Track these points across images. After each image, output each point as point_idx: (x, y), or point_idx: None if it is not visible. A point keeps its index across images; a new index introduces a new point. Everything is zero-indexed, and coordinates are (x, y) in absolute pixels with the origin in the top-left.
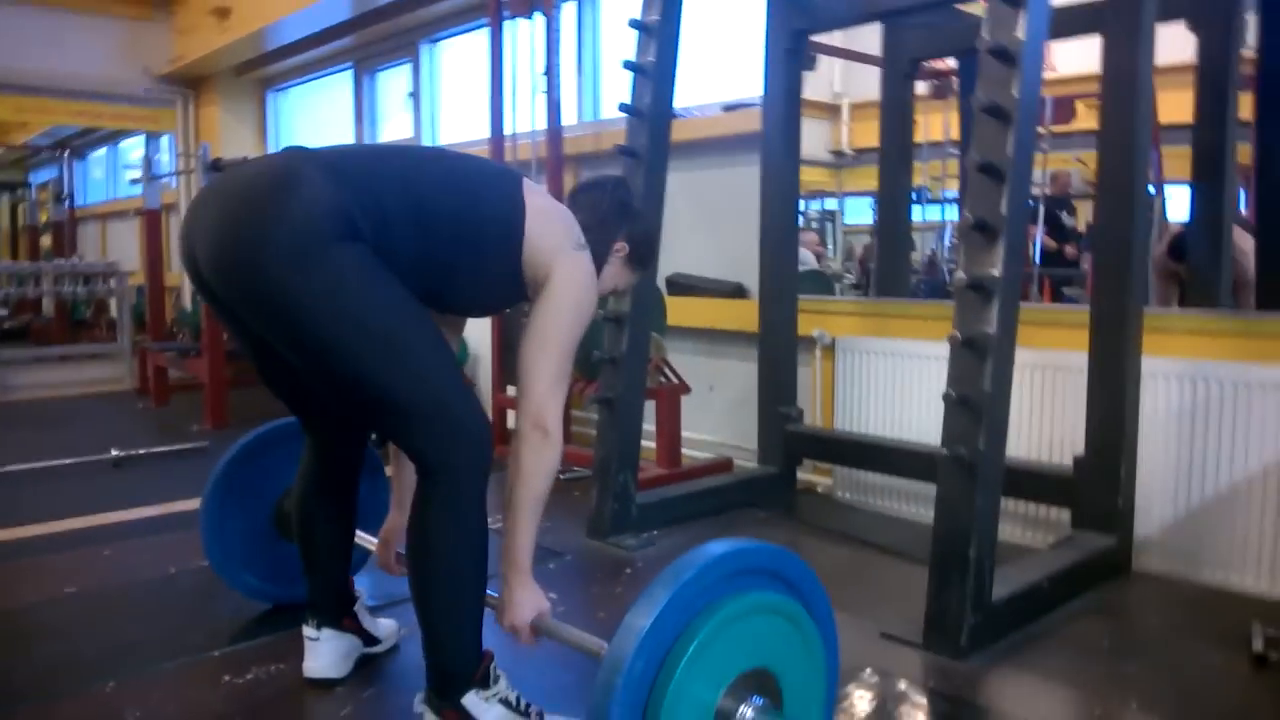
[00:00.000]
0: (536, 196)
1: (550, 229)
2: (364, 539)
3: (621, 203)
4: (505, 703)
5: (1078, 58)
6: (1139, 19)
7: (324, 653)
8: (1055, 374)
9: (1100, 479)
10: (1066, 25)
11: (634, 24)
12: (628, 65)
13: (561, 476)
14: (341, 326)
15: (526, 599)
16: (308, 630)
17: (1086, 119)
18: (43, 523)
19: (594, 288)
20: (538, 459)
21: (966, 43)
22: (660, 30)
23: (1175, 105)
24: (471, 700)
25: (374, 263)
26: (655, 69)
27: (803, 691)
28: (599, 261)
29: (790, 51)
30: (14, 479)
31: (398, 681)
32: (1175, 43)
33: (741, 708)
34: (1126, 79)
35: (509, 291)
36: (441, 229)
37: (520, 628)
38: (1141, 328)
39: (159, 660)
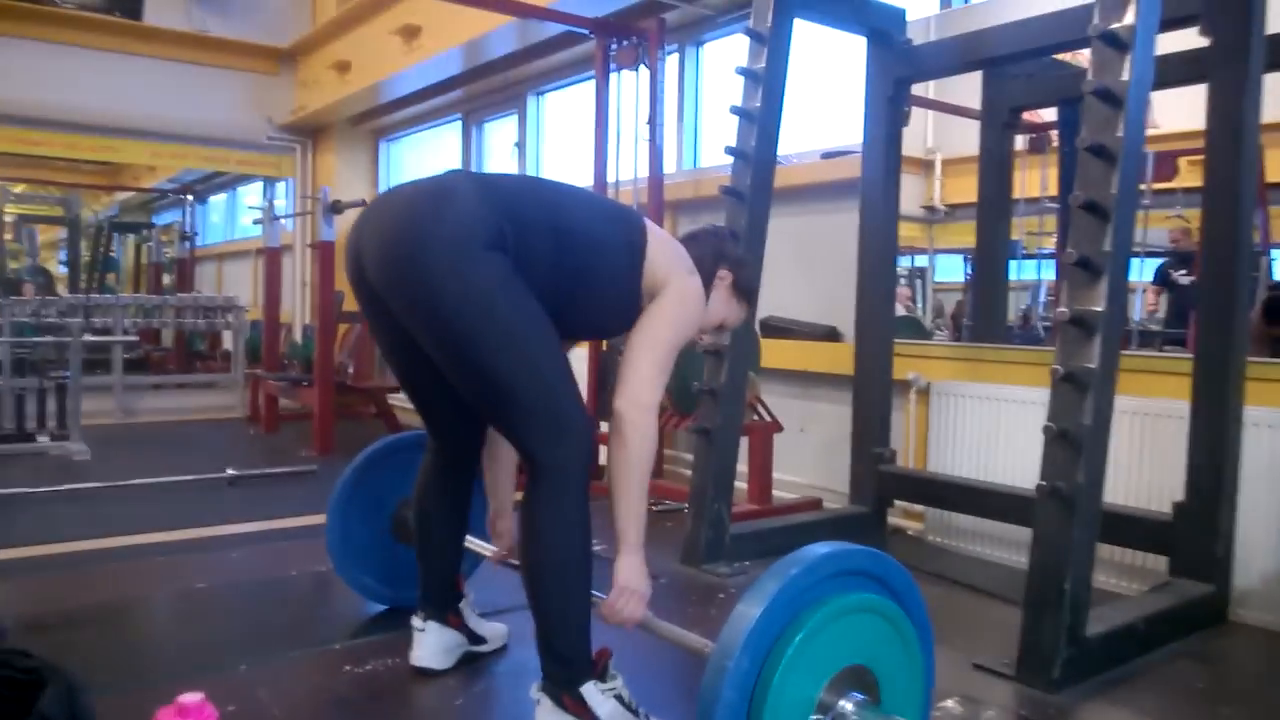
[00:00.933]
0: (654, 227)
1: (667, 252)
2: (477, 545)
3: (723, 240)
4: (620, 699)
5: (1181, 115)
6: (1246, 65)
7: (428, 644)
8: (1155, 421)
9: (1199, 526)
10: (1173, 73)
11: (741, 71)
12: (735, 110)
13: (654, 508)
14: (483, 321)
15: (639, 570)
16: (415, 621)
17: (1189, 176)
18: (169, 530)
19: (701, 307)
20: (640, 435)
21: (1066, 92)
22: (766, 78)
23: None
24: (590, 690)
25: (514, 274)
26: (760, 114)
27: (900, 691)
28: (706, 289)
29: (891, 100)
30: (140, 492)
31: (507, 679)
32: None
33: (841, 702)
34: (1232, 125)
35: (627, 310)
36: (576, 246)
37: (634, 592)
38: (1244, 374)
39: (285, 649)
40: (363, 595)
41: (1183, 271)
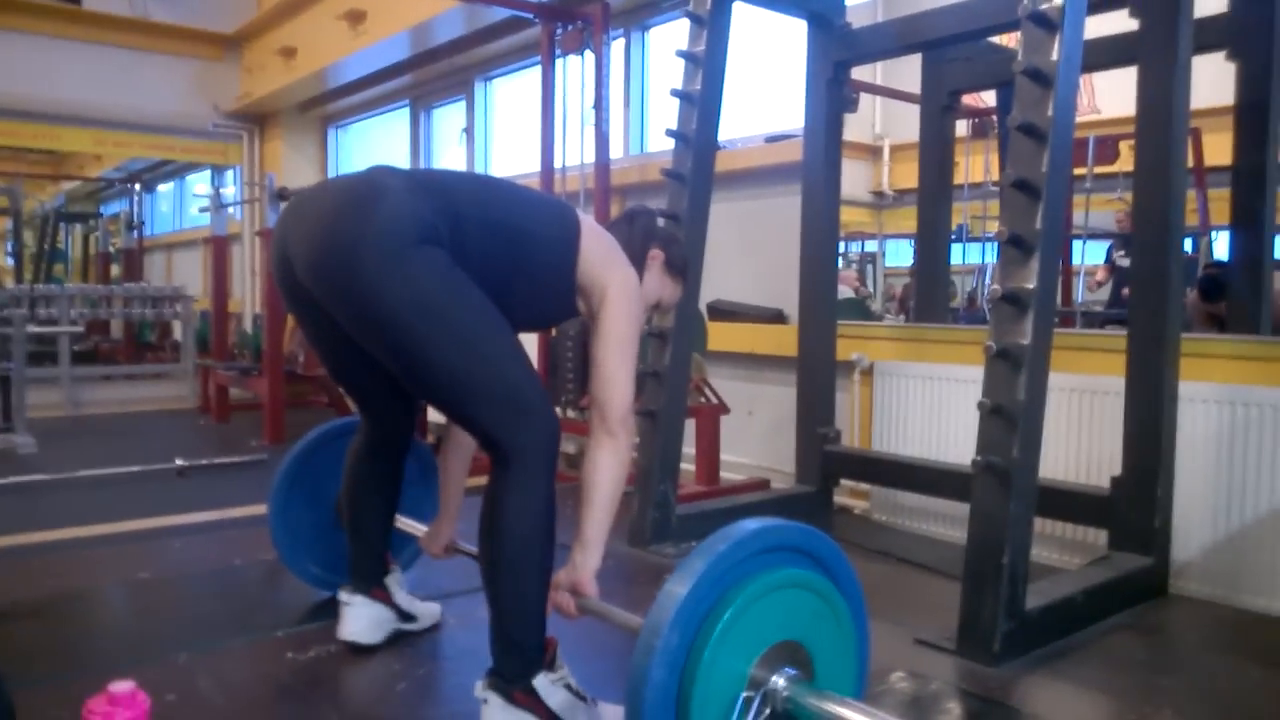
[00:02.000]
0: (589, 221)
1: (601, 245)
2: (409, 525)
3: (645, 226)
4: (568, 688)
5: (1121, 100)
6: (1175, 47)
7: (355, 617)
8: (1092, 398)
9: (1137, 499)
10: (1104, 56)
11: (681, 54)
12: (675, 93)
13: None
14: (427, 318)
15: (590, 568)
16: (342, 595)
17: (1130, 160)
18: (115, 521)
19: (641, 299)
20: (617, 458)
21: (1003, 75)
22: (706, 61)
23: (1222, 147)
24: (541, 682)
25: (453, 264)
26: (701, 97)
27: (834, 665)
28: (639, 270)
29: (830, 83)
30: (87, 483)
31: (451, 663)
32: (1224, 81)
33: (774, 677)
34: (1162, 105)
35: (562, 304)
36: (508, 239)
37: (582, 585)
38: (1179, 349)
39: (227, 637)
40: (308, 583)
41: (1122, 253)
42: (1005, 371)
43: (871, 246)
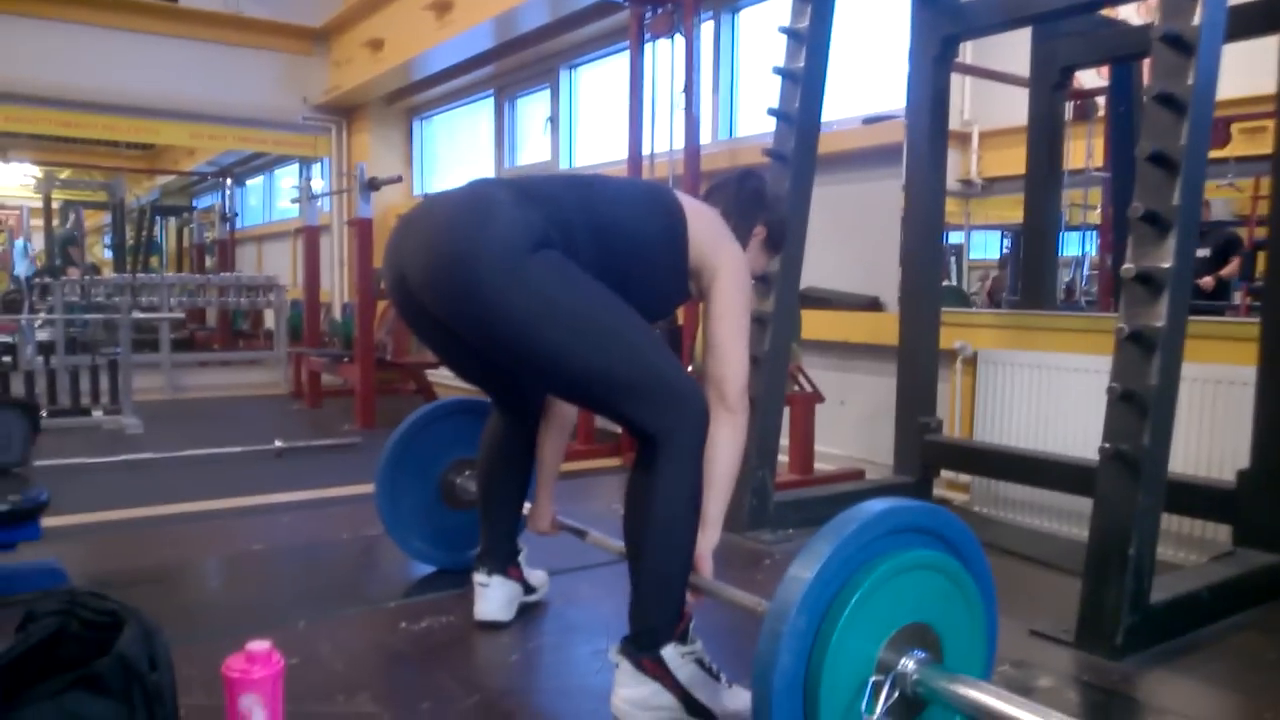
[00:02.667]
0: (689, 200)
1: (708, 224)
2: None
3: (756, 190)
4: (699, 663)
5: (1233, 81)
6: None
7: (493, 597)
8: (1217, 388)
9: (1266, 494)
10: (1240, 25)
11: (784, 30)
12: (778, 71)
13: None
14: (556, 324)
15: (709, 547)
16: (479, 577)
17: (1241, 145)
18: (221, 498)
19: (749, 273)
20: (737, 436)
21: (1118, 50)
22: (809, 37)
23: None
24: (670, 653)
25: (570, 262)
26: (804, 75)
27: (963, 647)
28: (742, 241)
29: (937, 60)
30: (192, 462)
31: (560, 636)
32: None
33: (903, 660)
34: None
35: (676, 290)
36: (618, 239)
37: (701, 564)
38: None
39: (342, 607)
40: (412, 556)
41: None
42: (1137, 355)
43: (957, 237)
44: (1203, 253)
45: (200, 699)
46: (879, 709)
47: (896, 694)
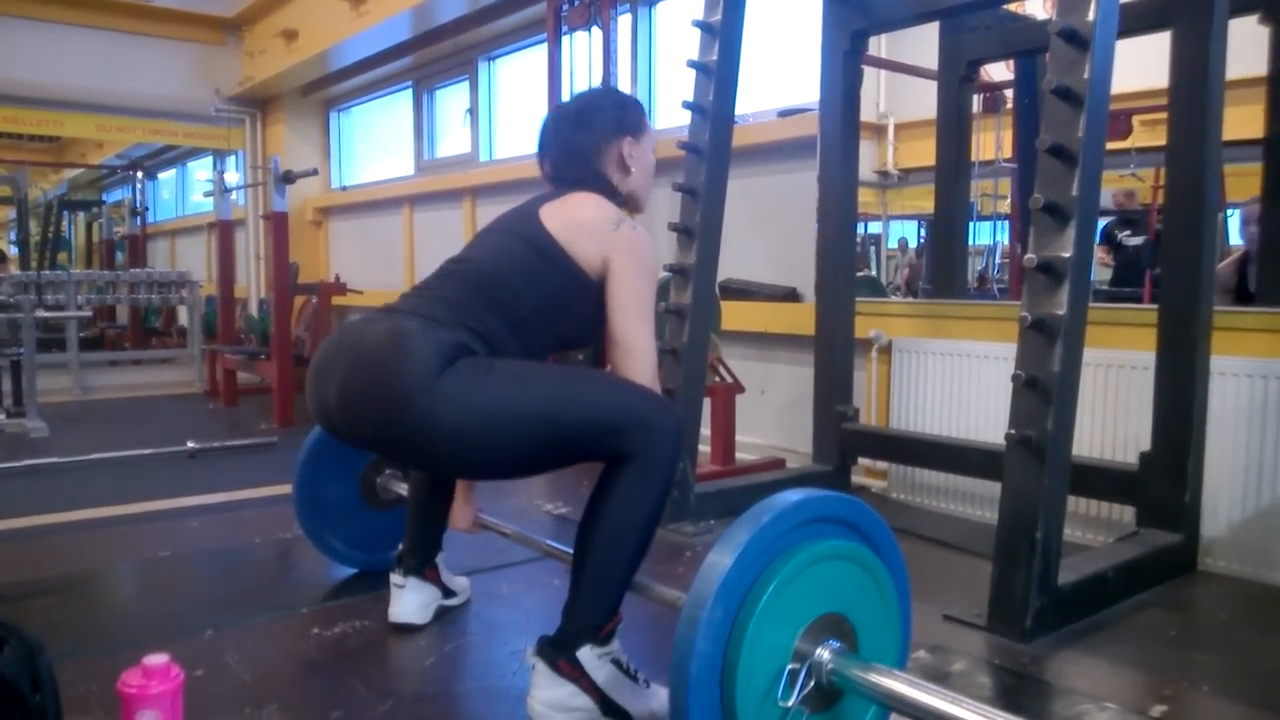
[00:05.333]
0: (553, 216)
1: (577, 224)
2: None
3: (578, 129)
4: (617, 663)
5: (1133, 75)
6: (1211, 10)
7: (408, 600)
8: (1119, 372)
9: (1167, 475)
10: (1134, 20)
11: (697, 24)
12: (692, 64)
13: None
14: (496, 425)
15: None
16: (395, 578)
17: (1142, 136)
18: (130, 503)
19: (649, 247)
20: None
21: (1022, 44)
22: (722, 30)
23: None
24: (586, 654)
25: (487, 360)
26: (718, 68)
27: (877, 637)
28: (624, 173)
29: (848, 53)
30: (100, 466)
31: (477, 638)
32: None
33: (818, 650)
34: (1197, 72)
35: (595, 309)
36: (518, 301)
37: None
38: (1211, 323)
39: (251, 614)
40: (330, 558)
41: (1128, 232)
42: (1040, 343)
43: (875, 228)
44: (1136, 241)
45: (99, 716)
46: (794, 697)
47: (812, 683)
